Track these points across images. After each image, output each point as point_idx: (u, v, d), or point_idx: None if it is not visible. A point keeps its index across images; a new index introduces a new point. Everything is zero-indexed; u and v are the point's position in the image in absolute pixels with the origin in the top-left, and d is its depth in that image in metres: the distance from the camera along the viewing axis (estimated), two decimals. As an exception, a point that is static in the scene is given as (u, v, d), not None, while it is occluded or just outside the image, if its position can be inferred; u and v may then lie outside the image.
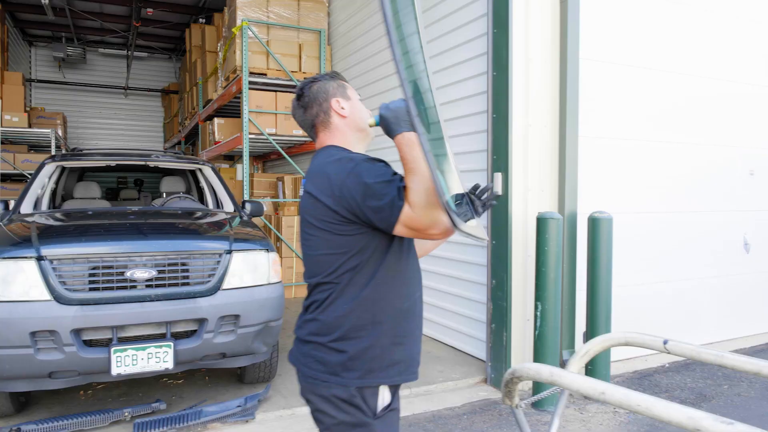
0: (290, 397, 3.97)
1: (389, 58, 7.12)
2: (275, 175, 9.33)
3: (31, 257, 3.14)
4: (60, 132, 11.61)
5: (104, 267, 3.24)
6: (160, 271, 3.34)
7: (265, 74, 7.54)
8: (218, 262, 3.52)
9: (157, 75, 16.15)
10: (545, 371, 1.59)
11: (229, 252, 3.57)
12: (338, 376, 1.64)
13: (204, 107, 10.62)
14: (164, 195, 5.91)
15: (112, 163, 5.03)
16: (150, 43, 14.56)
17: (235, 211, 4.86)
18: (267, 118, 7.52)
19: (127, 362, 3.16)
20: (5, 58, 10.50)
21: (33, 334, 3.04)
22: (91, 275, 3.22)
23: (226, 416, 3.51)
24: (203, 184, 5.95)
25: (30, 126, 10.40)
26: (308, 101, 1.82)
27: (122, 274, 3.26)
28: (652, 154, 4.86)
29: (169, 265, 3.37)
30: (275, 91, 7.67)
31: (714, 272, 5.23)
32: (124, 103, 15.95)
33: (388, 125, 1.55)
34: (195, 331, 3.42)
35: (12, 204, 4.42)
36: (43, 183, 4.67)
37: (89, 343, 3.19)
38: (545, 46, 4.29)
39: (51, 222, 3.87)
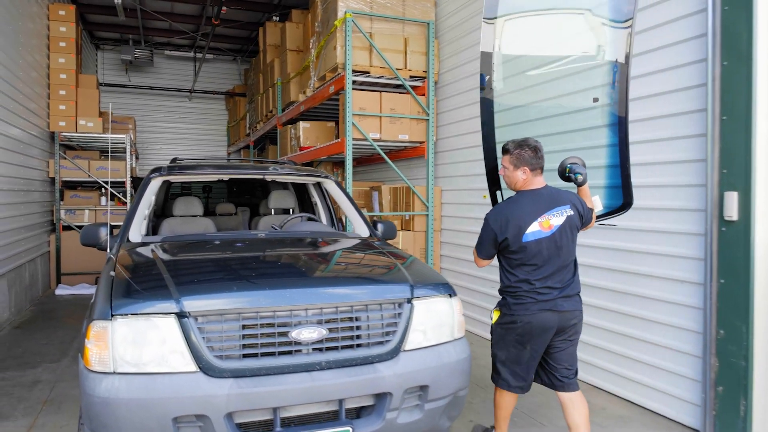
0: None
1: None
2: (367, 183, 8.50)
3: (170, 313, 2.35)
4: (132, 137, 11.16)
5: (263, 325, 2.42)
6: (331, 329, 2.50)
7: (368, 72, 6.72)
8: (399, 314, 2.66)
9: (221, 77, 15.71)
10: None
11: (410, 300, 2.71)
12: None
13: (283, 110, 9.93)
14: (272, 212, 5.14)
15: (226, 177, 4.29)
16: (217, 44, 14.04)
17: (371, 235, 4.03)
18: (370, 121, 6.69)
19: (295, 456, 2.34)
20: (79, 60, 10.05)
21: (176, 420, 2.24)
22: (245, 336, 2.41)
23: None
24: (316, 199, 5.16)
25: (103, 131, 9.92)
26: None
27: (285, 334, 2.44)
28: None
29: (342, 320, 2.54)
30: (379, 91, 6.84)
31: None
32: (187, 106, 15.56)
33: (586, 180, 3.23)
34: (372, 406, 2.57)
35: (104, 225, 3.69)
36: (150, 201, 3.94)
37: (243, 427, 2.39)
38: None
39: (176, 256, 3.09)
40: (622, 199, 3.45)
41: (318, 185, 5.13)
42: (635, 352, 4.12)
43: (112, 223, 10.04)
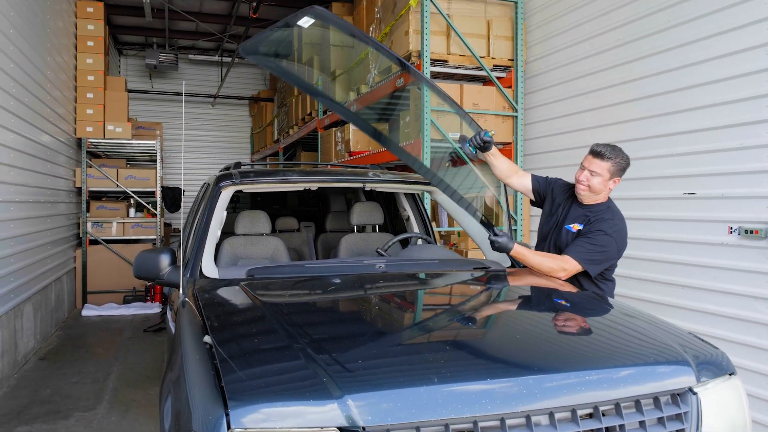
0: None
1: (609, 46, 5.16)
2: (430, 191, 7.49)
3: (329, 427, 1.34)
4: (161, 143, 10.29)
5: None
6: (592, 446, 1.49)
7: (446, 61, 5.74)
8: (684, 413, 1.63)
9: (245, 82, 14.95)
10: None
11: (693, 389, 1.68)
12: None
13: (325, 112, 8.97)
14: (354, 229, 4.14)
15: (314, 186, 3.32)
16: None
17: (512, 264, 3.03)
18: (448, 119, 5.70)
19: None
20: (107, 62, 9.21)
21: None
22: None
23: None
24: (408, 212, 4.19)
25: (132, 137, 9.05)
26: None
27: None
28: None
29: (608, 429, 1.52)
30: (458, 83, 5.86)
31: None
32: (210, 113, 14.80)
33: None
34: None
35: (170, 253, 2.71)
36: (222, 219, 2.98)
37: None
38: None
39: (293, 307, 2.11)
40: None
41: (412, 196, 4.16)
42: None
43: (138, 237, 9.15)
